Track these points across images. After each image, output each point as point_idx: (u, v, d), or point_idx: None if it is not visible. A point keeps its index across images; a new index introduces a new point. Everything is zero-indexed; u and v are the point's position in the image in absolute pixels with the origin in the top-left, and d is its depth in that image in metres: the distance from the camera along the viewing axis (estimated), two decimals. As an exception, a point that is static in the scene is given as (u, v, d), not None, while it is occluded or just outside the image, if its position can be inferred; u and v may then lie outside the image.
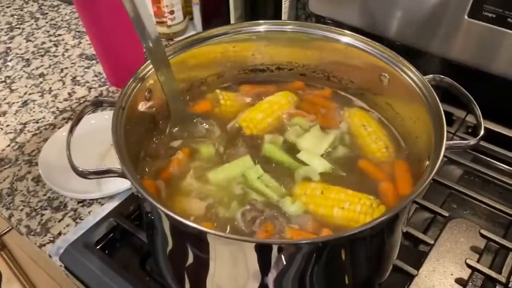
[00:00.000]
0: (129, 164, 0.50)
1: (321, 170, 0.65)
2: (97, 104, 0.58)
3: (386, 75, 0.66)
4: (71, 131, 0.54)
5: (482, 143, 0.87)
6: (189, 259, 0.53)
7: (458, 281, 0.68)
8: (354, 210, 0.59)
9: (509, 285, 0.66)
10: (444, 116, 0.55)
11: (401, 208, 0.49)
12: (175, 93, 0.66)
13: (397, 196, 0.63)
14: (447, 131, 0.54)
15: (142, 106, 0.64)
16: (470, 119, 0.91)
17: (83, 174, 0.52)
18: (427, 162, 0.53)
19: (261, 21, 0.71)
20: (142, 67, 0.63)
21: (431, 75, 0.62)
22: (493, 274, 0.67)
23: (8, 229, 0.92)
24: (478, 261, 0.69)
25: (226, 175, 0.64)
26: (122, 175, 0.50)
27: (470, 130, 0.91)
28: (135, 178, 0.48)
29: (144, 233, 0.72)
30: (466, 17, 0.81)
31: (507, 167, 0.86)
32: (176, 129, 0.70)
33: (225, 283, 0.53)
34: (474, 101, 0.58)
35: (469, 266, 0.68)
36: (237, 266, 0.50)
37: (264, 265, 0.49)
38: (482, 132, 0.55)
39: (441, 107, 0.56)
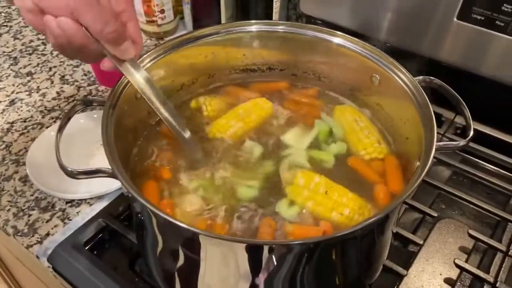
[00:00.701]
0: (119, 164, 0.50)
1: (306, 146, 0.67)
2: (87, 103, 0.58)
3: (377, 76, 0.67)
4: (60, 130, 0.54)
5: (470, 144, 0.87)
6: (180, 260, 0.53)
7: (447, 281, 0.68)
8: (351, 218, 0.59)
9: (497, 285, 0.66)
10: (434, 118, 0.56)
11: (391, 209, 0.49)
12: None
13: (388, 194, 0.63)
14: (436, 132, 0.54)
15: (132, 105, 0.63)
16: (459, 120, 0.92)
17: (72, 174, 0.51)
18: (418, 163, 0.53)
19: (252, 21, 0.71)
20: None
21: (421, 77, 0.62)
22: (481, 274, 0.67)
23: (-6, 229, 0.90)
24: (466, 261, 0.70)
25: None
26: (112, 175, 0.50)
27: (459, 131, 0.92)
28: (126, 178, 0.48)
29: (133, 233, 0.71)
30: (455, 19, 0.82)
31: (495, 168, 0.87)
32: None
33: (216, 284, 0.53)
34: (463, 103, 0.58)
35: (457, 266, 0.69)
36: (228, 267, 0.50)
37: (255, 266, 0.49)
38: (471, 133, 0.56)
39: (431, 109, 0.57)
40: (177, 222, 0.44)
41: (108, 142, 0.51)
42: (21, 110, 0.98)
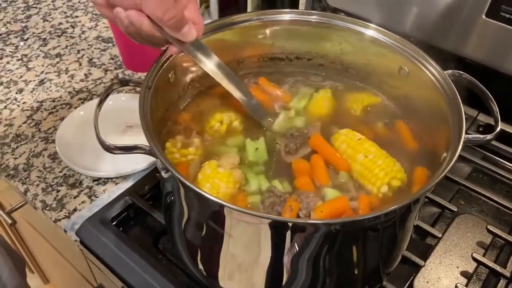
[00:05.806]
0: (156, 141, 0.51)
1: None
2: (123, 83, 0.60)
3: (406, 68, 0.67)
4: (99, 105, 0.56)
5: (492, 142, 0.88)
6: (206, 234, 0.55)
7: (464, 273, 0.69)
8: (374, 162, 0.62)
9: (513, 280, 0.67)
10: (463, 110, 0.56)
11: (421, 194, 0.50)
12: None
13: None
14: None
15: (165, 88, 0.65)
16: (482, 118, 0.92)
17: (109, 149, 0.53)
18: (444, 154, 0.54)
19: (286, 10, 0.72)
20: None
21: (450, 71, 0.63)
22: (497, 268, 0.68)
23: (21, 203, 0.93)
24: (483, 256, 0.71)
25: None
26: (149, 152, 0.51)
27: (481, 129, 0.92)
28: (163, 155, 0.49)
29: (158, 212, 0.73)
30: (483, 16, 0.82)
31: (516, 167, 0.88)
32: None
33: (239, 259, 0.55)
34: (492, 98, 0.59)
35: (475, 259, 0.70)
36: (253, 243, 0.51)
37: (278, 243, 0.50)
38: (499, 127, 0.56)
39: (460, 101, 0.57)
40: (210, 196, 0.46)
41: (145, 120, 0.53)
42: (50, 90, 1.01)
